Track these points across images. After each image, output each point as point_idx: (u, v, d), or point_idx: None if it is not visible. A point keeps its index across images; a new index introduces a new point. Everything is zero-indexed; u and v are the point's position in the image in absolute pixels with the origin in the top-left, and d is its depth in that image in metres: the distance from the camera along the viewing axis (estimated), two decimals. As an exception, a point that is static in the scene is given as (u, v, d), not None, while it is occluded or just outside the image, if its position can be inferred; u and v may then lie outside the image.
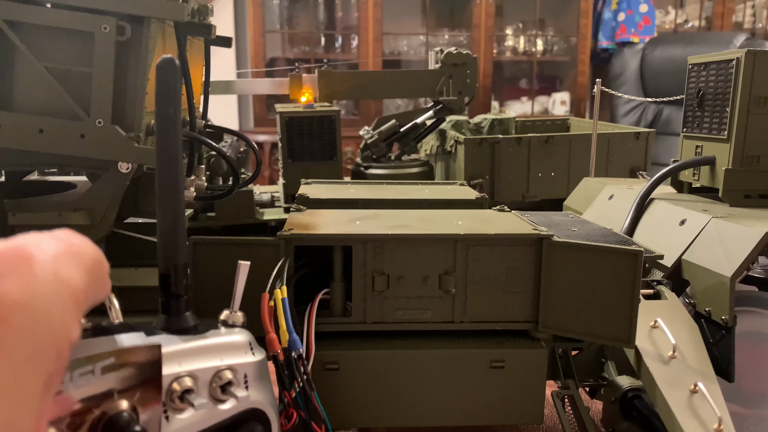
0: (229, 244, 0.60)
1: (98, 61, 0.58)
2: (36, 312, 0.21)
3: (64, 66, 0.59)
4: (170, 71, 0.40)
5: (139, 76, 0.60)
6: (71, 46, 0.58)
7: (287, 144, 1.25)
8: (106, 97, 0.59)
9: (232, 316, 0.45)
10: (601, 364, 0.71)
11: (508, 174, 1.31)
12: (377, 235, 0.61)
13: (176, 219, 0.41)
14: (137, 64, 0.60)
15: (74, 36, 0.58)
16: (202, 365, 0.40)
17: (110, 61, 0.58)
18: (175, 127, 0.40)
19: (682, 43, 3.23)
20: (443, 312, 0.62)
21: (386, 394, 0.61)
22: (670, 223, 0.76)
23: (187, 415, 0.38)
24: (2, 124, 0.58)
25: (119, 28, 0.58)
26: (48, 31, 0.58)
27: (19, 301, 0.20)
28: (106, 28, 0.57)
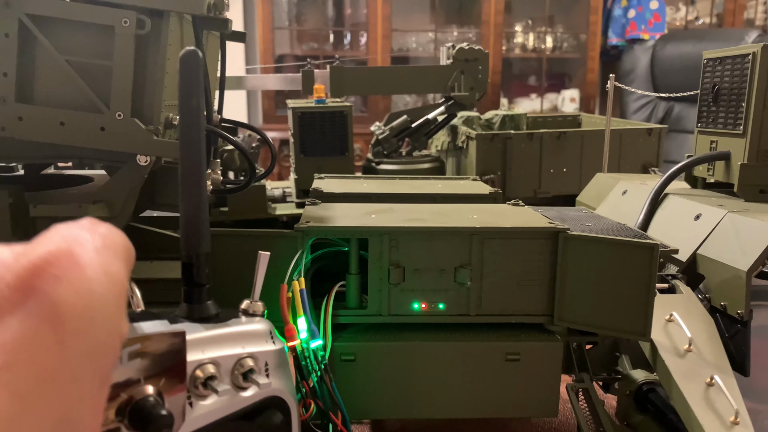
0: (247, 237, 0.60)
1: (118, 55, 0.59)
2: (93, 312, 0.21)
3: (85, 59, 0.59)
4: (194, 63, 0.40)
5: (158, 70, 0.61)
6: (92, 39, 0.59)
7: (299, 139, 1.25)
8: (125, 91, 0.59)
9: (253, 306, 0.45)
10: (616, 358, 0.71)
11: (519, 170, 1.31)
12: (393, 227, 0.61)
13: (199, 209, 0.41)
14: (156, 57, 0.61)
15: (95, 30, 0.59)
16: (224, 353, 0.40)
17: (130, 55, 0.59)
18: (198, 118, 0.41)
19: (693, 40, 3.21)
20: (459, 305, 0.62)
21: (402, 386, 0.62)
22: (685, 218, 0.76)
23: (210, 401, 0.39)
24: (24, 117, 0.58)
25: (139, 21, 0.58)
26: (69, 25, 0.58)
27: (77, 304, 0.20)
28: (126, 22, 0.58)
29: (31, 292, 0.19)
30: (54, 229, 0.24)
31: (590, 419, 0.64)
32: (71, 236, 0.23)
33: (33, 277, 0.20)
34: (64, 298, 0.20)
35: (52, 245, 0.21)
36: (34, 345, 0.19)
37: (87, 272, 0.21)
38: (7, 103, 0.58)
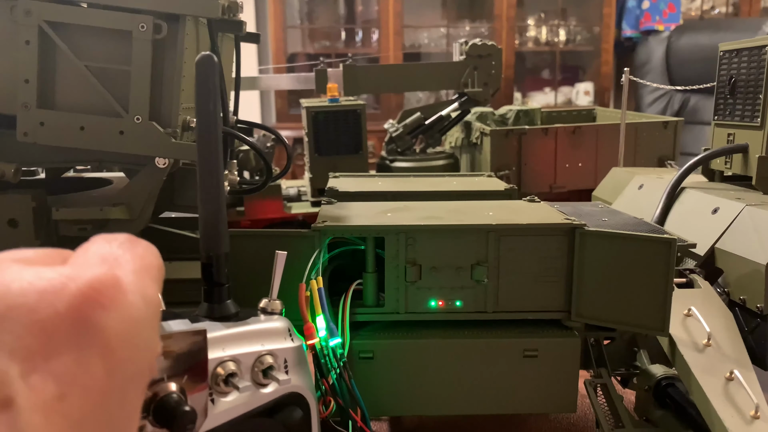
0: (264, 237, 0.61)
1: (136, 59, 0.59)
2: (136, 338, 0.22)
3: (103, 64, 0.60)
4: (210, 67, 0.41)
5: (175, 73, 0.61)
6: (110, 44, 0.60)
7: (314, 138, 1.26)
8: (143, 94, 0.60)
9: (271, 304, 0.46)
10: (634, 354, 0.71)
11: (535, 165, 1.31)
12: (409, 226, 0.62)
13: (218, 210, 0.42)
14: (173, 61, 0.61)
15: (112, 35, 0.59)
16: (244, 350, 0.41)
17: (148, 59, 0.60)
18: (215, 121, 0.41)
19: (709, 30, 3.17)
20: (476, 302, 0.62)
21: (420, 383, 0.62)
22: (703, 211, 0.75)
23: (231, 398, 0.39)
24: (45, 122, 0.59)
25: (156, 26, 0.59)
26: (87, 31, 0.59)
27: (122, 332, 0.21)
28: (144, 27, 0.59)
29: (83, 322, 0.20)
30: (94, 246, 0.24)
31: (609, 414, 0.63)
32: (113, 258, 0.23)
33: (83, 307, 0.20)
34: (112, 328, 0.21)
35: (97, 269, 0.22)
36: (87, 375, 0.20)
37: (129, 298, 0.22)
38: (29, 109, 0.59)
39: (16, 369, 0.18)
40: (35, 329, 0.19)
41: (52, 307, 0.19)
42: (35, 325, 0.19)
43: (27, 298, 0.19)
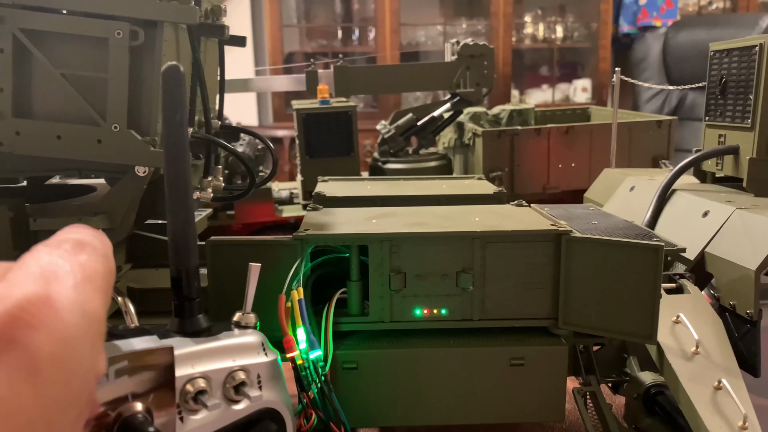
0: (246, 245, 0.60)
1: (113, 67, 0.58)
2: (68, 359, 0.21)
3: (80, 72, 0.59)
4: (175, 78, 0.40)
5: (153, 81, 0.60)
6: (86, 52, 0.59)
7: (305, 140, 1.25)
8: (121, 102, 0.59)
9: (245, 318, 0.45)
10: (624, 360, 0.70)
11: (527, 166, 1.30)
12: (394, 234, 0.60)
13: (186, 222, 0.41)
14: (152, 68, 0.60)
15: (89, 42, 0.58)
16: (214, 366, 0.40)
17: (125, 66, 0.58)
18: (182, 132, 0.40)
19: (707, 26, 3.16)
20: (462, 310, 0.61)
21: (406, 393, 0.61)
22: (693, 214, 0.74)
23: (201, 415, 0.39)
24: (21, 132, 0.59)
25: (132, 33, 0.58)
26: (63, 38, 0.58)
27: (53, 352, 0.20)
28: (120, 34, 0.58)
29: (8, 343, 0.19)
30: (34, 258, 0.23)
31: (598, 423, 0.63)
32: (50, 271, 0.22)
33: (10, 328, 0.19)
34: (41, 348, 0.20)
35: (29, 287, 0.21)
36: (11, 397, 0.19)
37: (64, 316, 0.21)
38: (4, 119, 0.58)
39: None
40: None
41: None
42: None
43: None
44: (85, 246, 0.25)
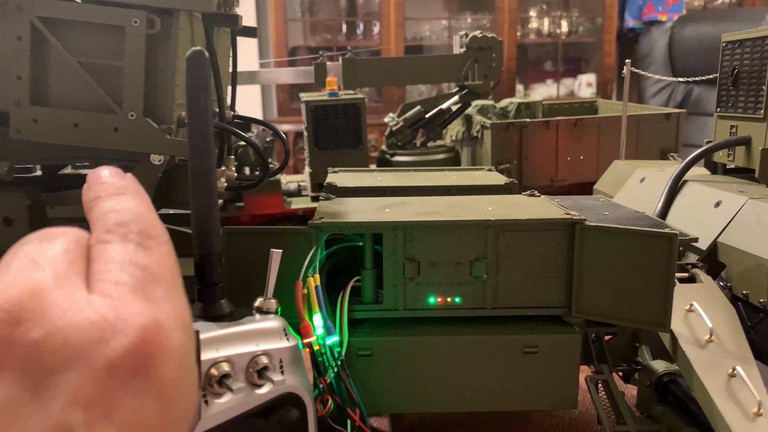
0: (261, 234, 0.60)
1: (129, 55, 0.59)
2: (184, 379, 0.23)
3: (97, 60, 0.59)
4: (200, 63, 0.40)
5: (169, 69, 0.60)
6: (103, 40, 0.59)
7: (313, 132, 1.25)
8: (137, 91, 0.59)
9: (266, 303, 0.46)
10: (635, 349, 0.70)
11: (536, 158, 1.30)
12: (408, 222, 0.61)
13: (210, 208, 0.41)
14: (167, 56, 0.61)
15: (105, 30, 0.59)
16: (238, 350, 0.40)
17: (141, 55, 0.59)
18: (206, 117, 0.41)
19: (713, 21, 3.15)
20: (475, 298, 0.62)
21: (419, 381, 0.62)
22: (705, 205, 0.74)
23: (225, 399, 0.39)
24: (39, 119, 0.59)
25: (149, 21, 0.58)
26: (80, 27, 0.59)
27: (172, 377, 0.22)
28: (137, 22, 0.58)
29: (137, 371, 0.20)
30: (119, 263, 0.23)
31: (610, 411, 0.63)
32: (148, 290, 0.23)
33: (139, 358, 0.21)
34: (164, 374, 0.21)
35: (140, 318, 0.22)
36: (143, 420, 0.20)
37: (174, 338, 0.22)
38: (21, 106, 0.59)
39: (79, 417, 0.19)
40: (91, 379, 0.19)
41: (107, 358, 0.20)
42: (91, 374, 0.19)
43: (81, 349, 0.20)
44: (149, 234, 0.25)
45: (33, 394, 0.19)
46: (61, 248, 0.23)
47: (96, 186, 0.27)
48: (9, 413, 0.18)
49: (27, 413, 0.18)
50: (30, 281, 0.21)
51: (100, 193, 0.27)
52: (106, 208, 0.26)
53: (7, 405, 0.18)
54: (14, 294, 0.20)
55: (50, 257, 0.22)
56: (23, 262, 0.22)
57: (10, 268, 0.22)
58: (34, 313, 0.20)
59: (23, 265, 0.21)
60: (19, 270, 0.21)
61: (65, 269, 0.22)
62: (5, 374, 0.19)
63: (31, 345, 0.19)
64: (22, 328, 0.19)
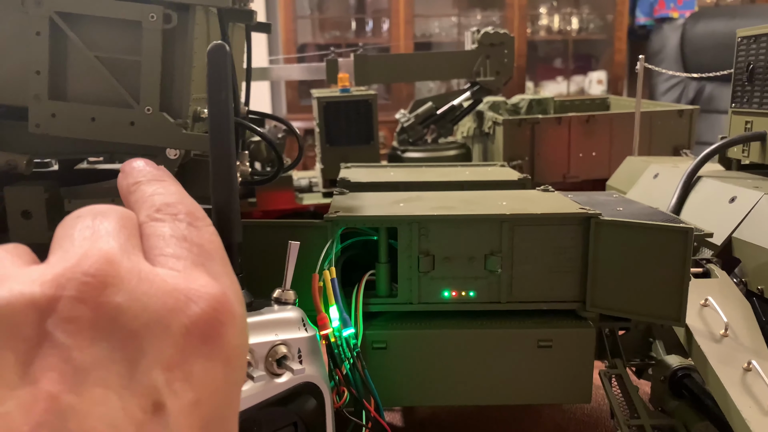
0: (277, 227, 0.61)
1: (146, 50, 0.59)
2: (243, 346, 0.24)
3: (114, 55, 0.60)
4: (221, 56, 0.41)
5: (185, 63, 0.61)
6: (120, 35, 0.59)
7: (325, 129, 1.25)
8: (154, 85, 0.60)
9: (285, 294, 0.46)
10: (649, 344, 0.70)
11: (548, 154, 1.30)
12: (422, 216, 0.61)
13: (230, 199, 0.42)
14: (183, 51, 0.61)
15: (123, 25, 0.59)
16: (258, 340, 0.41)
17: (158, 50, 0.59)
18: (227, 110, 0.41)
19: (725, 17, 3.12)
20: (489, 292, 0.62)
21: (433, 374, 0.62)
22: (719, 200, 0.74)
23: (246, 387, 0.39)
24: (57, 114, 0.59)
25: (166, 16, 0.58)
26: (98, 21, 0.59)
27: (237, 344, 0.23)
28: (153, 17, 0.58)
29: (209, 338, 0.22)
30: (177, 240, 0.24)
31: (624, 405, 0.63)
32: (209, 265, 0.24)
33: (208, 325, 0.22)
34: (231, 341, 0.22)
35: (210, 287, 0.23)
36: (213, 382, 0.22)
37: (236, 309, 0.23)
38: (40, 101, 0.59)
39: (161, 378, 0.20)
40: (170, 342, 0.21)
41: (183, 325, 0.21)
42: (170, 339, 0.21)
43: (160, 315, 0.21)
44: (196, 216, 0.26)
45: (121, 354, 0.20)
46: (117, 223, 0.23)
47: (134, 172, 0.28)
48: (102, 370, 0.19)
49: (117, 371, 0.19)
50: (102, 250, 0.21)
51: (140, 178, 0.27)
52: (149, 191, 0.26)
53: (100, 362, 0.19)
54: (95, 260, 0.21)
55: (110, 230, 0.23)
56: (86, 233, 0.22)
57: (74, 238, 0.22)
58: (115, 279, 0.20)
59: (87, 237, 0.22)
60: (85, 240, 0.22)
61: (126, 242, 0.22)
62: (96, 334, 0.20)
63: (116, 308, 0.20)
64: (108, 292, 0.20)
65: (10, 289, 0.20)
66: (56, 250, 0.22)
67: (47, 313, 0.20)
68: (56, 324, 0.19)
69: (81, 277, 0.20)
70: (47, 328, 0.19)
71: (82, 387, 0.19)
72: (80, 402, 0.18)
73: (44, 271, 0.20)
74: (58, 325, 0.19)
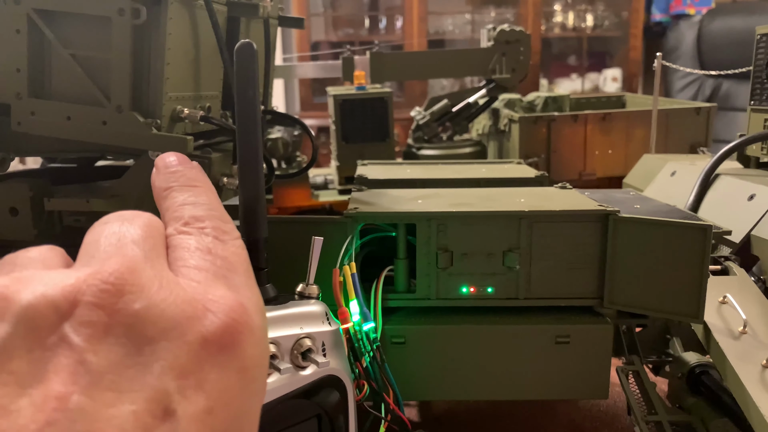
0: (298, 223, 0.62)
1: (115, 46, 0.56)
2: (262, 357, 0.24)
3: (87, 52, 0.58)
4: (248, 55, 0.42)
5: (158, 60, 0.58)
6: (92, 31, 0.57)
7: (341, 126, 1.26)
8: (124, 83, 0.57)
9: (308, 289, 0.47)
10: (666, 341, 0.70)
11: (564, 152, 1.30)
12: (441, 212, 0.62)
13: (257, 194, 0.43)
14: (157, 47, 0.58)
15: (95, 21, 0.57)
16: (284, 333, 0.42)
17: (127, 45, 0.56)
18: (254, 108, 0.42)
19: (743, 14, 3.09)
20: (508, 288, 0.63)
21: (451, 369, 0.63)
22: (738, 198, 0.74)
23: (273, 379, 0.40)
24: (36, 112, 0.58)
25: (134, 11, 0.55)
26: (72, 18, 0.57)
27: (254, 354, 0.23)
28: (122, 12, 0.55)
29: (225, 347, 0.22)
30: (201, 253, 0.25)
31: (641, 401, 0.63)
32: (231, 276, 0.25)
33: (225, 335, 0.22)
34: (248, 351, 0.23)
35: (228, 298, 0.23)
36: (228, 392, 0.22)
37: (255, 321, 0.24)
38: (21, 99, 0.58)
39: (174, 385, 0.20)
40: (186, 350, 0.21)
41: (200, 333, 0.22)
42: (185, 346, 0.21)
43: (177, 322, 0.21)
44: (223, 230, 0.26)
45: (134, 359, 0.20)
46: (143, 231, 0.24)
47: (167, 174, 0.28)
48: (114, 374, 0.20)
49: (130, 375, 0.20)
50: (125, 257, 0.22)
51: (173, 183, 0.28)
52: (180, 200, 0.27)
53: (113, 366, 0.20)
54: (115, 268, 0.21)
55: (136, 238, 0.23)
56: (112, 240, 0.23)
57: (100, 244, 0.23)
58: (134, 286, 0.21)
59: (113, 243, 0.23)
60: (110, 246, 0.23)
61: (150, 250, 0.23)
62: (111, 339, 0.20)
63: (133, 315, 0.21)
64: (125, 299, 0.21)
65: (34, 291, 0.20)
66: (83, 256, 0.23)
67: (66, 316, 0.20)
68: (73, 327, 0.20)
69: (100, 284, 0.21)
70: (65, 331, 0.20)
71: (93, 389, 0.19)
72: (91, 404, 0.19)
73: (68, 276, 0.21)
74: (75, 329, 0.20)
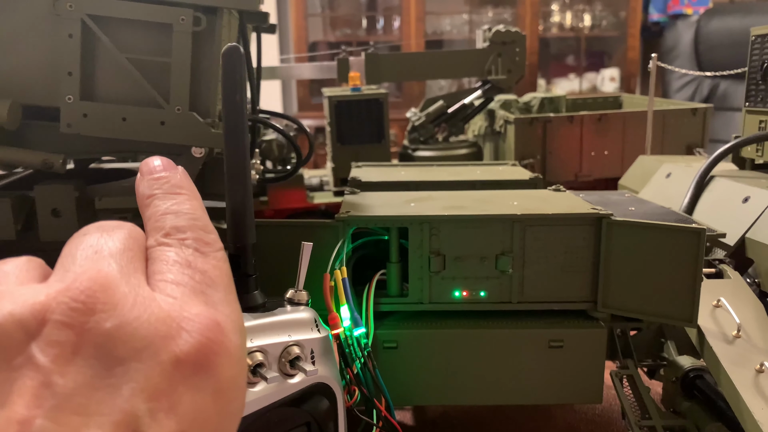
0: (289, 227, 0.61)
1: (176, 51, 0.60)
2: (239, 377, 0.24)
3: (144, 57, 0.61)
4: (236, 59, 0.41)
5: (212, 64, 0.62)
6: (151, 37, 0.61)
7: (336, 127, 1.26)
8: (184, 86, 0.61)
9: (297, 295, 0.46)
10: (661, 345, 0.70)
11: (559, 153, 1.29)
12: (433, 216, 0.61)
13: (244, 200, 0.42)
14: (211, 52, 0.62)
15: (153, 28, 0.60)
16: (271, 340, 0.41)
17: (188, 51, 0.60)
18: (242, 112, 0.41)
19: (740, 14, 3.09)
20: (501, 292, 0.62)
21: (444, 373, 0.62)
22: (733, 200, 0.74)
23: (259, 388, 0.40)
24: (88, 114, 0.61)
25: (195, 19, 0.60)
26: (129, 24, 0.60)
27: (230, 375, 0.23)
28: (184, 20, 0.59)
29: (199, 368, 0.22)
30: (180, 268, 0.24)
31: (635, 406, 0.63)
32: (208, 293, 0.24)
33: (199, 355, 0.22)
34: (223, 372, 0.22)
35: (203, 317, 0.23)
36: (202, 414, 0.21)
37: (232, 339, 0.23)
38: (72, 101, 0.61)
39: (144, 407, 0.20)
40: (158, 371, 0.21)
41: (173, 353, 0.21)
42: (157, 367, 0.21)
43: (149, 342, 0.21)
44: (205, 241, 0.26)
45: (103, 380, 0.20)
46: (122, 243, 0.23)
47: (151, 181, 0.28)
48: (82, 396, 0.19)
49: (98, 398, 0.19)
50: (99, 273, 0.21)
51: (156, 190, 0.27)
52: (162, 208, 0.26)
53: (80, 389, 0.19)
54: (88, 285, 0.21)
55: (113, 251, 0.23)
56: (88, 252, 0.22)
57: (76, 258, 0.22)
58: (107, 304, 0.20)
59: (89, 256, 0.22)
60: (86, 260, 0.22)
61: (128, 264, 0.23)
62: (79, 360, 0.20)
63: (103, 334, 0.20)
64: (96, 318, 0.20)
65: (1, 309, 0.20)
66: (58, 269, 0.22)
67: (34, 335, 0.19)
68: (40, 347, 0.19)
69: (70, 302, 0.20)
70: (32, 351, 0.19)
71: (58, 413, 0.19)
72: (55, 428, 0.18)
73: (38, 292, 0.20)
74: (42, 349, 0.19)
